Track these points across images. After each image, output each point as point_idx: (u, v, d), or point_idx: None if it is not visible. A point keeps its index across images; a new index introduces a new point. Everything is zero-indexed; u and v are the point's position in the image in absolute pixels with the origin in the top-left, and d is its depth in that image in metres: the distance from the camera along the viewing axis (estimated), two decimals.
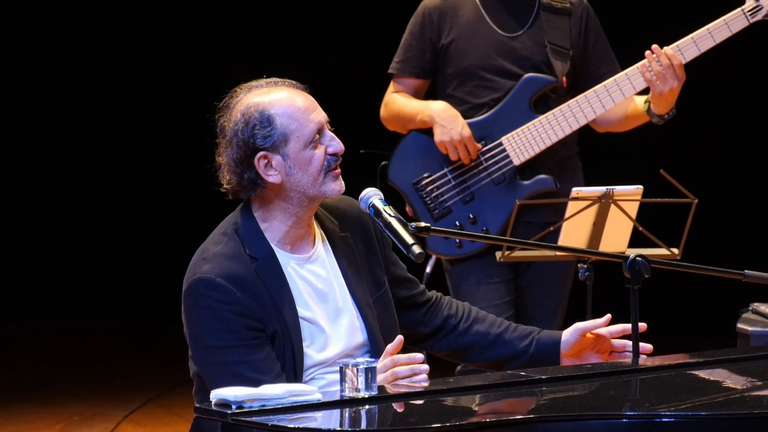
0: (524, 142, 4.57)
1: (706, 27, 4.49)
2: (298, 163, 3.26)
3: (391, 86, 4.77)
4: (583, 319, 4.50)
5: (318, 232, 3.38)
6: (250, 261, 3.25)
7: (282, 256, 3.30)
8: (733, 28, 4.48)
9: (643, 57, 4.49)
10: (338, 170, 3.30)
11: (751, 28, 4.52)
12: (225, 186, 3.31)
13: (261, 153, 3.25)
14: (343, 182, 3.31)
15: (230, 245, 3.26)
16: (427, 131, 4.64)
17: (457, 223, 4.61)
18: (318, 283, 3.32)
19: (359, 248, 3.40)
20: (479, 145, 4.59)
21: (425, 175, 4.65)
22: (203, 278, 3.21)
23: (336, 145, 3.30)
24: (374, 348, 3.33)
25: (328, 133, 3.30)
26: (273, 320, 3.21)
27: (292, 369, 3.21)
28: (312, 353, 3.25)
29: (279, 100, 3.28)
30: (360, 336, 3.33)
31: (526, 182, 4.60)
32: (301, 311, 3.26)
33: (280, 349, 3.21)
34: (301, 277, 3.30)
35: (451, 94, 4.66)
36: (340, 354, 3.28)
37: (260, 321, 3.20)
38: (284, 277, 3.27)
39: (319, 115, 3.29)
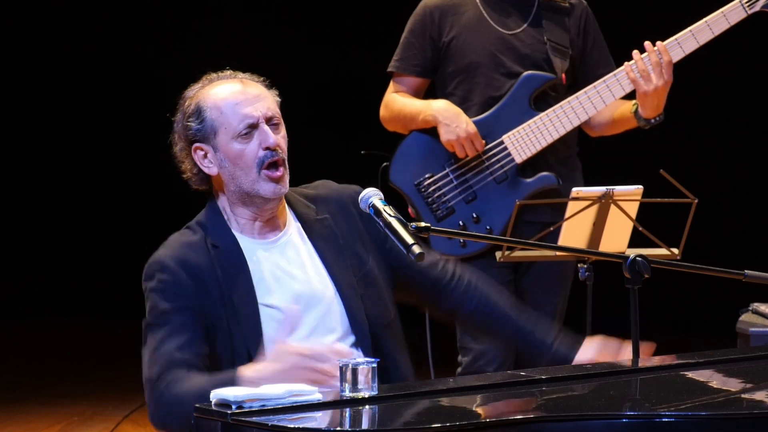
0: (525, 139, 4.57)
1: (705, 19, 4.49)
2: (228, 156, 3.29)
3: (391, 86, 4.76)
4: (583, 319, 4.50)
5: (290, 217, 3.38)
6: (211, 249, 3.27)
7: (247, 242, 3.31)
8: (731, 20, 4.48)
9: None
10: (277, 173, 3.28)
11: (751, 25, 4.52)
12: (185, 176, 3.39)
13: (195, 144, 3.31)
14: (279, 186, 3.29)
15: (192, 236, 3.31)
16: (428, 131, 4.64)
17: (460, 222, 4.60)
18: (288, 267, 3.31)
19: (341, 229, 3.38)
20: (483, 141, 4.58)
21: (427, 175, 4.64)
22: (155, 260, 3.26)
23: (268, 139, 3.27)
24: (356, 329, 3.31)
25: (264, 129, 3.28)
26: (219, 310, 3.21)
27: (246, 358, 3.19)
28: (277, 340, 3.23)
29: (215, 93, 3.31)
30: (336, 321, 3.30)
31: (528, 180, 4.59)
32: (264, 299, 3.26)
33: (228, 340, 3.20)
34: (268, 263, 3.30)
35: (451, 93, 4.66)
36: (309, 339, 3.26)
37: (200, 308, 3.20)
38: (246, 266, 3.27)
39: (256, 111, 3.28)
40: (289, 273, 3.31)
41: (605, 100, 4.56)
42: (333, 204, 3.41)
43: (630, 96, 4.58)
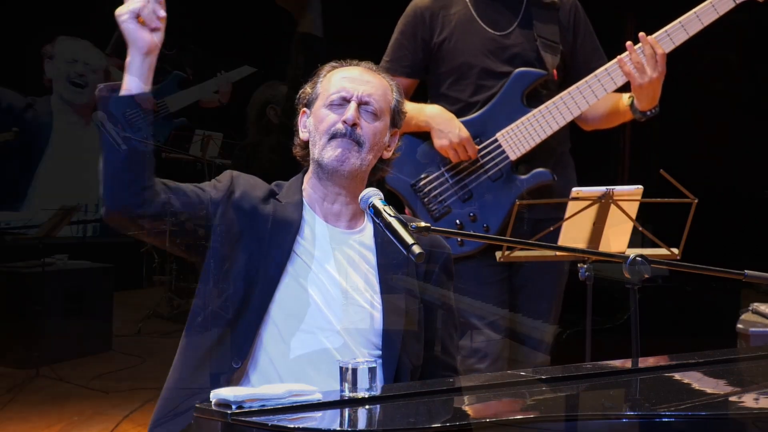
0: (519, 136, 4.57)
1: (693, 10, 4.49)
2: (315, 119, 3.37)
3: None
4: (583, 319, 4.51)
5: (368, 228, 3.39)
6: (275, 202, 3.31)
7: (311, 214, 3.34)
8: (720, 10, 4.48)
9: None
10: (343, 140, 3.31)
11: (751, 23, 4.52)
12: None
13: (303, 108, 3.42)
14: (342, 155, 3.31)
15: (267, 186, 3.37)
16: (422, 133, 4.64)
17: (457, 221, 4.60)
18: (341, 258, 3.31)
19: (410, 264, 3.38)
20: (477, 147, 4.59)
21: (422, 176, 4.64)
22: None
23: (347, 113, 3.32)
24: (386, 349, 3.31)
25: (352, 106, 3.33)
26: (250, 244, 3.23)
27: (246, 302, 3.22)
28: (287, 299, 3.25)
29: (337, 70, 3.42)
30: (370, 333, 3.30)
31: (523, 177, 4.60)
32: (298, 251, 3.27)
33: (242, 268, 3.22)
34: (325, 237, 3.31)
35: (444, 93, 4.66)
36: (340, 340, 3.27)
37: (214, 205, 3.24)
38: (300, 224, 3.29)
39: (355, 89, 3.35)
40: (340, 261, 3.32)
41: (597, 95, 4.56)
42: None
43: (622, 89, 4.58)
